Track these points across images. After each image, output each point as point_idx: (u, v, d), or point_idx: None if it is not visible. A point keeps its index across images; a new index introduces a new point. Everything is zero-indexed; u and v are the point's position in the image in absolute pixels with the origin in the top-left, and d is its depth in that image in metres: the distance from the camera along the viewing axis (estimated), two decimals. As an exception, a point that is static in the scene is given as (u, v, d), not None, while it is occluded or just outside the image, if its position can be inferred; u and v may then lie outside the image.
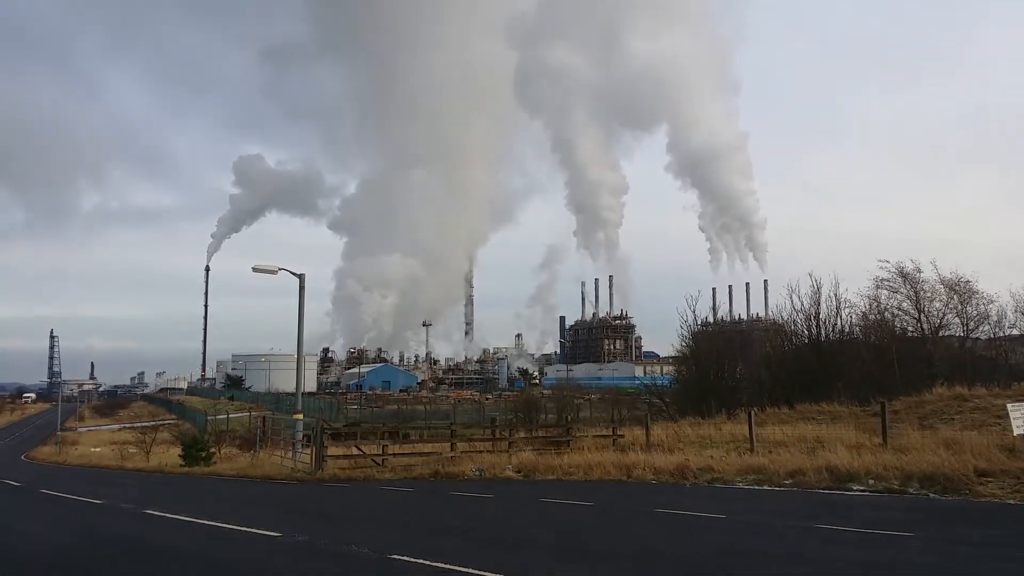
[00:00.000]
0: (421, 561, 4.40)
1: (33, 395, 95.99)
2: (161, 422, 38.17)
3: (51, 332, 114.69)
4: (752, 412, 10.83)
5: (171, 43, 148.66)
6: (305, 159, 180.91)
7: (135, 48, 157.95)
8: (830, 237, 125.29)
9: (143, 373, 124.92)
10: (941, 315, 15.31)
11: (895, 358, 14.43)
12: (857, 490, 7.26)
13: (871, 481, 7.44)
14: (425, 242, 79.92)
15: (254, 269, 13.36)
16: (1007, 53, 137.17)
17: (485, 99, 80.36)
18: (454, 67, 79.38)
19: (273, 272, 13.34)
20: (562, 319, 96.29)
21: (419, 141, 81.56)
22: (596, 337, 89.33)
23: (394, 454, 12.03)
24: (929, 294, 15.29)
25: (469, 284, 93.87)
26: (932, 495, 6.82)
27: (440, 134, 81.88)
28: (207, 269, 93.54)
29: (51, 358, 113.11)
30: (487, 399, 48.57)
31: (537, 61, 62.71)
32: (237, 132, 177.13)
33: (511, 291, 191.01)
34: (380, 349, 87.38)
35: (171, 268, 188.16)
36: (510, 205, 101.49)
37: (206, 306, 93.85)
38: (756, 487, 7.92)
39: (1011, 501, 6.33)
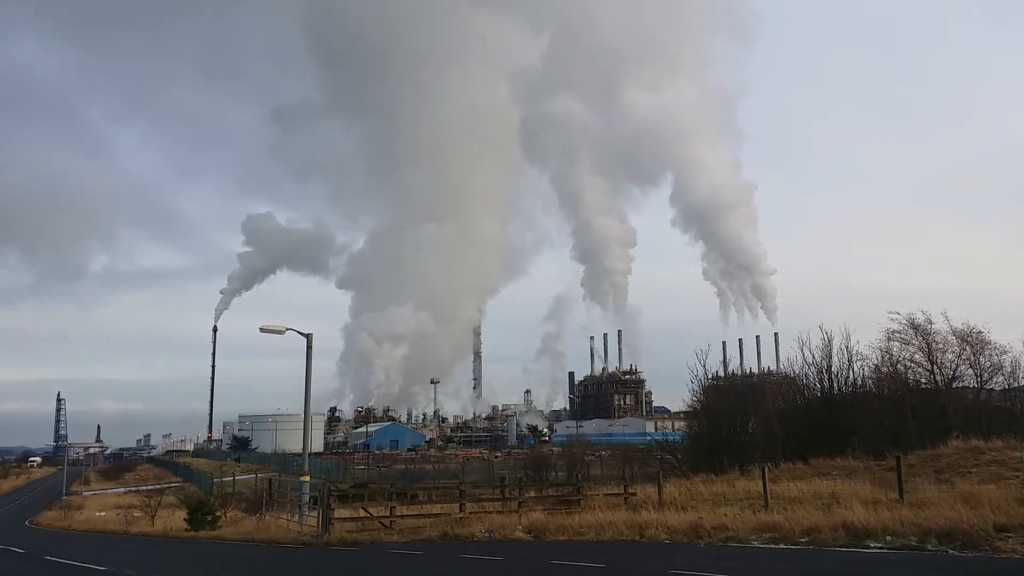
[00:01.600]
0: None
1: (39, 459, 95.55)
2: (167, 485, 37.84)
3: (58, 395, 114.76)
4: (766, 468, 10.66)
5: (180, 105, 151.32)
6: (314, 217, 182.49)
7: (144, 110, 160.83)
8: (840, 288, 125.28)
9: (149, 435, 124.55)
10: (954, 366, 15.16)
11: (909, 411, 14.26)
12: (875, 547, 7.09)
13: (888, 538, 7.26)
14: (434, 295, 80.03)
15: (262, 329, 13.34)
16: (1017, 99, 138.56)
17: (493, 149, 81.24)
18: (461, 118, 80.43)
19: (281, 332, 13.31)
20: (571, 374, 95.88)
21: (427, 193, 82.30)
22: (606, 392, 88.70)
23: (402, 516, 11.84)
24: (941, 345, 15.17)
25: (477, 336, 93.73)
26: (951, 551, 6.64)
27: (448, 186, 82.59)
28: (215, 329, 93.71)
29: (58, 421, 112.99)
30: (496, 457, 48.09)
31: (540, 114, 63.52)
32: (246, 192, 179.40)
33: (520, 345, 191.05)
34: (388, 407, 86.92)
35: (179, 329, 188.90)
36: (519, 258, 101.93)
37: (213, 366, 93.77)
38: (772, 545, 7.75)
39: (1034, 557, 6.16)
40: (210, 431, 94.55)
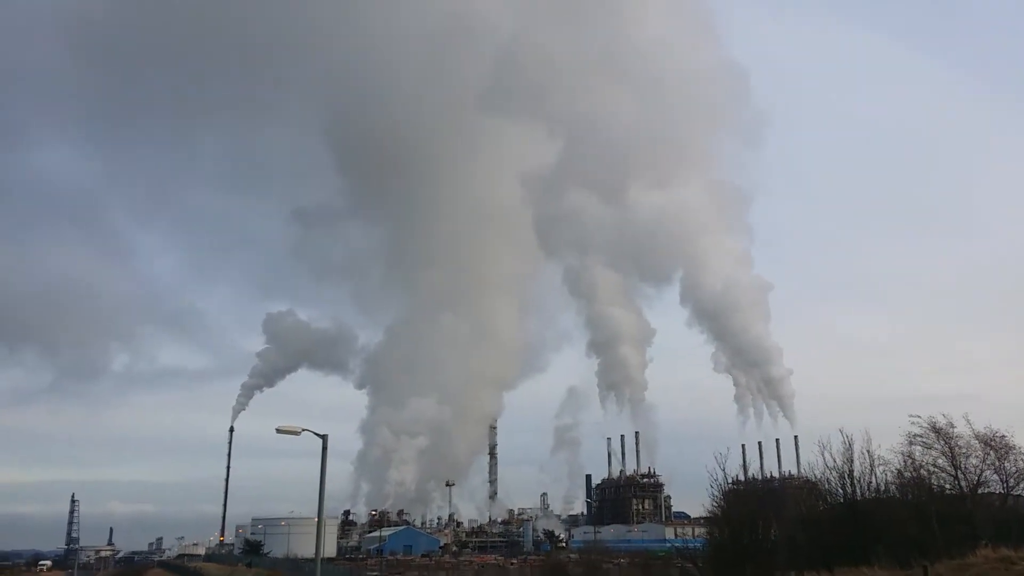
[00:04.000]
0: None
1: (49, 562, 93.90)
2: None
3: (72, 496, 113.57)
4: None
5: (202, 207, 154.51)
6: (333, 316, 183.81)
7: (167, 212, 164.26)
8: (858, 390, 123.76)
9: (161, 538, 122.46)
10: (979, 472, 14.89)
11: (934, 517, 13.94)
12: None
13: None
14: (451, 389, 79.58)
15: (278, 430, 13.37)
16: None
17: (510, 246, 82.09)
18: (478, 216, 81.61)
19: (296, 433, 13.33)
20: (588, 477, 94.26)
21: (445, 289, 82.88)
22: (624, 496, 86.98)
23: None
24: (964, 450, 14.94)
25: (493, 432, 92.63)
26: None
27: (466, 282, 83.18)
28: (231, 430, 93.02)
29: (70, 523, 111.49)
30: (512, 564, 46.94)
31: (553, 212, 64.41)
32: (265, 292, 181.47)
33: (536, 446, 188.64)
34: (402, 510, 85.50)
35: (194, 429, 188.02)
36: (537, 355, 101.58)
37: (228, 468, 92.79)
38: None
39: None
40: (222, 534, 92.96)
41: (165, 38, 62.79)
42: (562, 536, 77.59)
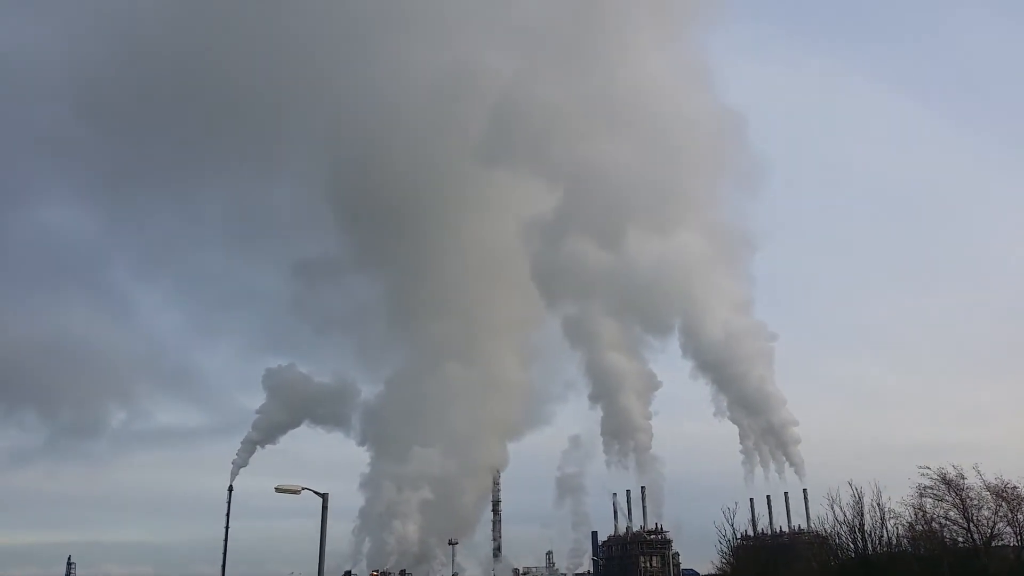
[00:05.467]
0: None
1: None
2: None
3: (68, 559, 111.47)
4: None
5: (202, 263, 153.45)
6: (335, 371, 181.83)
7: (167, 268, 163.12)
8: (866, 439, 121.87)
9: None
10: (992, 524, 14.57)
11: (948, 571, 13.60)
12: None
13: None
14: (454, 439, 78.11)
15: (277, 489, 13.12)
16: None
17: (513, 295, 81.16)
18: (482, 260, 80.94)
19: (296, 492, 13.08)
20: (594, 534, 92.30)
21: (448, 339, 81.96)
22: (631, 553, 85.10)
23: None
24: (976, 502, 14.64)
25: (497, 486, 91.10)
26: None
27: (468, 331, 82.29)
28: (230, 489, 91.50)
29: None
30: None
31: (554, 259, 64.06)
32: (266, 347, 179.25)
33: (540, 502, 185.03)
34: (404, 570, 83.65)
35: (193, 488, 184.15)
36: (542, 406, 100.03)
37: (227, 528, 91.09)
38: None
39: None
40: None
41: (167, 97, 63.37)
42: (569, 595, 75.93)
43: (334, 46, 61.54)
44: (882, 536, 15.17)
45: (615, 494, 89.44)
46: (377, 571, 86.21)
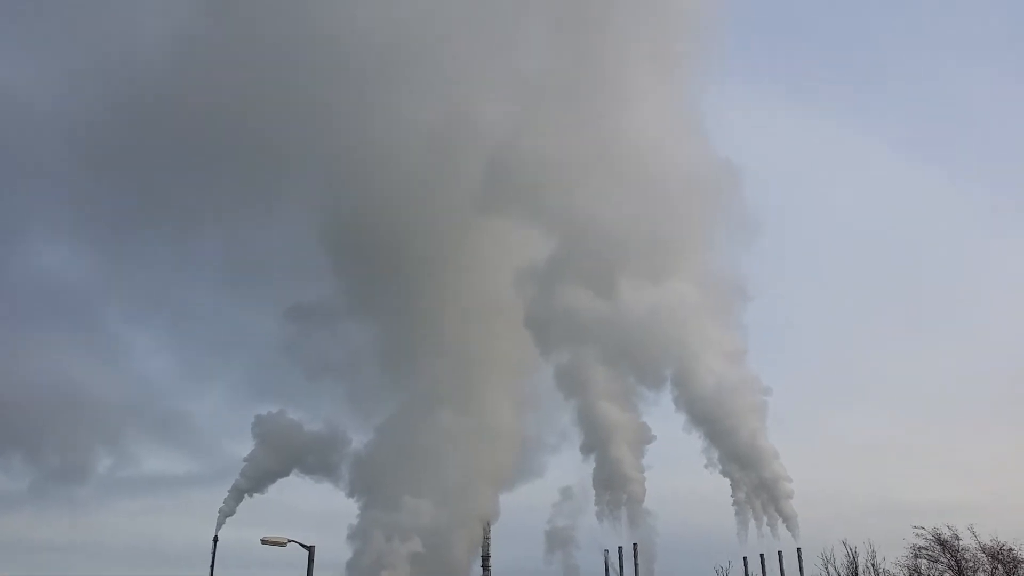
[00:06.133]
0: None
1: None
2: None
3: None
4: None
5: (194, 306, 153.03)
6: (326, 418, 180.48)
7: (158, 312, 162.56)
8: (860, 495, 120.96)
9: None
10: (987, 587, 14.41)
11: (944, 637, 13.41)
12: None
13: None
14: (446, 492, 76.97)
15: (263, 541, 12.98)
16: None
17: (507, 342, 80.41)
18: (477, 307, 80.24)
19: (283, 544, 12.93)
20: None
21: (441, 385, 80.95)
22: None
23: None
24: (971, 563, 14.53)
25: (487, 541, 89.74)
26: None
27: (462, 377, 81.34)
28: (215, 539, 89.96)
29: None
30: None
31: (548, 307, 63.63)
32: (256, 394, 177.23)
33: (531, 558, 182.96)
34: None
35: (179, 537, 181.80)
36: (533, 456, 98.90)
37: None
38: None
39: None
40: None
41: (165, 140, 63.82)
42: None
43: (333, 94, 62.07)
44: (876, 599, 15.01)
45: (607, 551, 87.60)
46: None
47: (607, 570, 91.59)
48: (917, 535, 15.10)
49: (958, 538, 14.74)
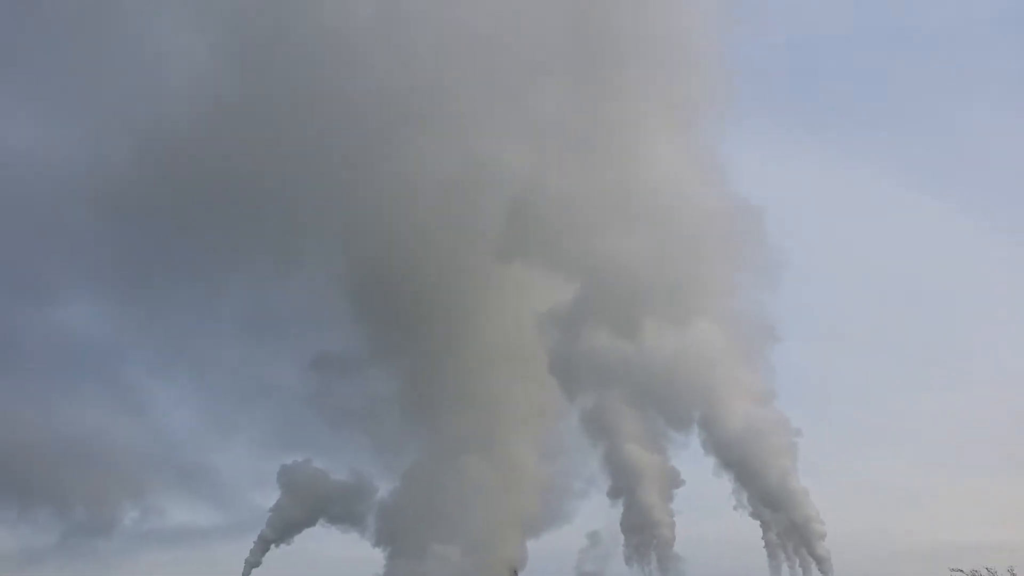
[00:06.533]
0: None
1: None
2: None
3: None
4: None
5: (219, 359, 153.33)
6: (351, 467, 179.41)
7: (184, 364, 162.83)
8: (894, 538, 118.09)
9: None
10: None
11: None
12: None
13: None
14: (473, 540, 76.06)
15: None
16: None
17: (533, 382, 79.55)
18: (501, 352, 79.60)
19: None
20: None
21: (466, 430, 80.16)
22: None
23: None
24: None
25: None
26: None
27: (487, 421, 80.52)
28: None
29: None
30: None
31: (572, 351, 62.94)
32: (281, 445, 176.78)
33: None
34: None
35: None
36: (561, 501, 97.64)
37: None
38: None
39: None
40: None
41: (186, 195, 64.78)
42: None
43: (352, 143, 62.98)
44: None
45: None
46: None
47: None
48: (955, 577, 14.56)
49: (998, 579, 14.21)
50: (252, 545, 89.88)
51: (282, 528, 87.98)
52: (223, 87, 58.69)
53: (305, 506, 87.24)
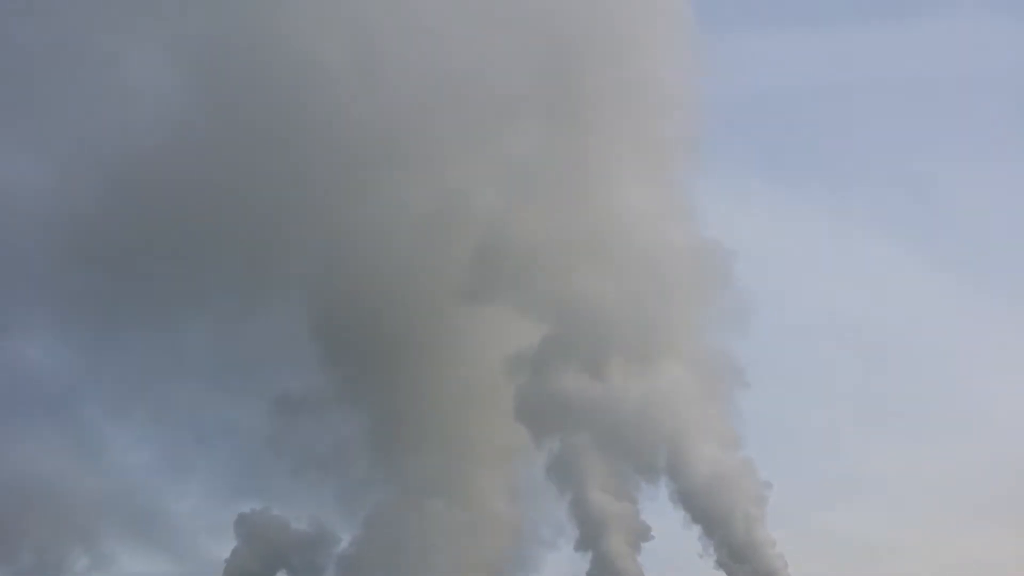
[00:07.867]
0: None
1: None
2: None
3: None
4: None
5: (176, 399, 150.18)
6: (312, 515, 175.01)
7: (142, 404, 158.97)
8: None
9: None
10: None
11: None
12: None
13: None
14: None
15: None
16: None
17: (500, 426, 78.24)
18: (467, 394, 78.45)
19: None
20: None
21: (431, 474, 78.61)
22: None
23: None
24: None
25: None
26: None
27: (454, 465, 79.07)
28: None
29: None
30: None
31: (539, 394, 62.19)
32: (239, 491, 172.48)
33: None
34: None
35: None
36: (528, 550, 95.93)
37: None
38: None
39: None
40: None
41: (151, 229, 63.77)
42: None
43: (323, 182, 63.04)
44: None
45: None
46: None
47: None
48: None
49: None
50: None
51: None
52: (193, 125, 58.25)
53: (263, 557, 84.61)
